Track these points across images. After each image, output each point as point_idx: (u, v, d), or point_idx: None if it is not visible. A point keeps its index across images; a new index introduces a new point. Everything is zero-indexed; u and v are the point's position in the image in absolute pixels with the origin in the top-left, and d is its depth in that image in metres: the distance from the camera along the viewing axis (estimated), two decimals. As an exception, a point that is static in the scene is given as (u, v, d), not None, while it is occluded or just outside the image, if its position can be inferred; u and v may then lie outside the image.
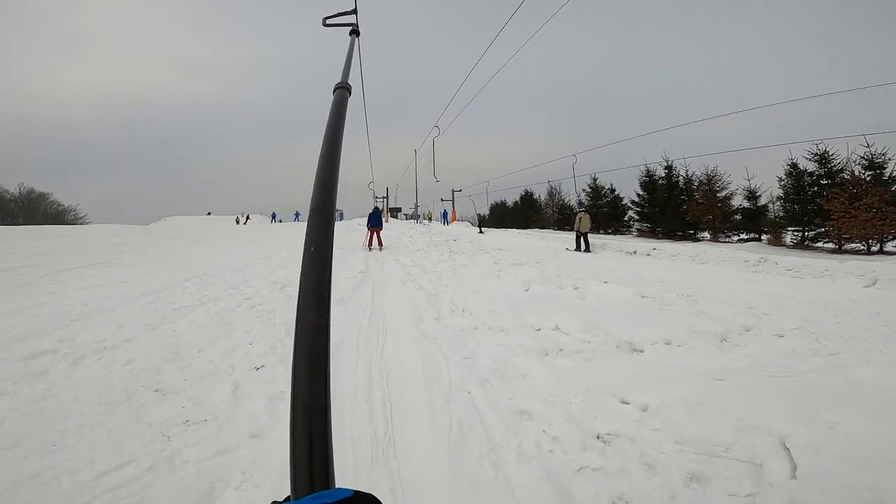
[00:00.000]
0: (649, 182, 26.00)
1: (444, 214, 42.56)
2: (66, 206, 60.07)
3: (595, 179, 30.06)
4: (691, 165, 24.55)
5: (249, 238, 19.99)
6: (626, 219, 28.13)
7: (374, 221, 15.40)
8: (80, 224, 57.30)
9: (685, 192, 24.04)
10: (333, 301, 0.63)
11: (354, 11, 1.72)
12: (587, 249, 14.20)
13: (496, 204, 48.07)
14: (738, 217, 22.39)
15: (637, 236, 26.01)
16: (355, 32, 1.59)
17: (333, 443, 0.44)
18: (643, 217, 26.19)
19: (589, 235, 15.06)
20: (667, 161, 24.78)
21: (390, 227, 27.81)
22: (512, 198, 45.03)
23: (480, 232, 26.25)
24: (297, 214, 46.70)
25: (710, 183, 22.97)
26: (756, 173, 22.71)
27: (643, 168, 26.33)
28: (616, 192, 28.61)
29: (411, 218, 50.56)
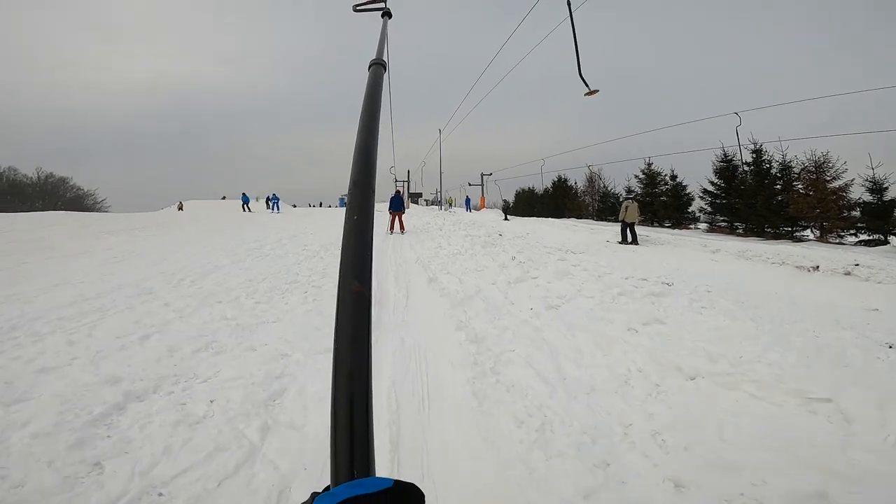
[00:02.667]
0: (727, 168, 19.82)
1: (467, 201, 36.49)
2: (85, 190, 55.66)
3: (650, 164, 23.88)
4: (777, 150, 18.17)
5: (234, 227, 14.59)
6: (689, 210, 22.03)
7: (396, 205, 13.23)
8: (100, 210, 53.01)
9: (781, 181, 17.88)
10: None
11: None
12: (634, 241, 11.32)
13: (523, 191, 41.97)
14: (855, 213, 16.30)
15: (707, 231, 20.01)
16: (387, 14, 1.33)
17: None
18: (718, 209, 20.04)
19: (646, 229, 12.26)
20: (754, 143, 18.52)
21: (412, 213, 22.17)
22: (541, 185, 38.91)
23: (506, 219, 21.28)
24: (272, 199, 29.00)
25: (819, 171, 16.79)
26: (882, 161, 16.54)
27: (718, 152, 20.11)
28: (678, 179, 22.43)
29: (433, 204, 44.83)
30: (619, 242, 11.30)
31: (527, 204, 40.20)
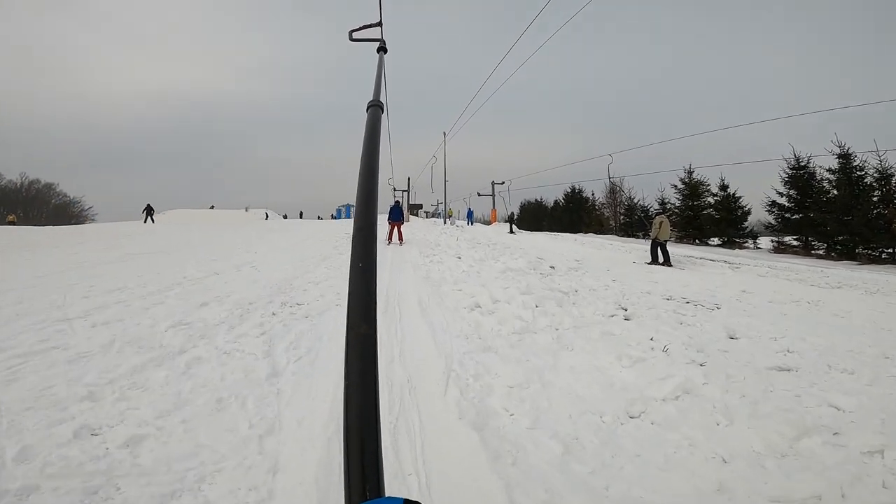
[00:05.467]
0: (799, 176, 15.18)
1: (469, 214, 31.32)
2: (71, 197, 50.38)
3: (691, 173, 19.20)
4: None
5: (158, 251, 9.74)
6: (743, 225, 17.32)
7: (395, 216, 11.61)
8: (87, 219, 48.03)
9: (879, 192, 13.25)
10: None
11: (380, 24, 1.48)
12: (666, 262, 8.84)
13: (529, 203, 37.34)
14: None
15: (775, 251, 15.31)
16: (382, 49, 1.34)
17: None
18: (790, 225, 15.32)
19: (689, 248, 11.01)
20: (840, 147, 13.87)
21: (414, 228, 17.32)
22: (551, 197, 34.31)
23: (511, 232, 17.81)
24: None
25: (938, 177, 12.22)
26: None
27: (789, 158, 15.46)
28: (730, 190, 17.71)
29: (433, 216, 40.04)
30: (649, 263, 9.00)
31: (534, 217, 35.48)
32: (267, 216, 39.52)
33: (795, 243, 15.33)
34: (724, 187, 17.91)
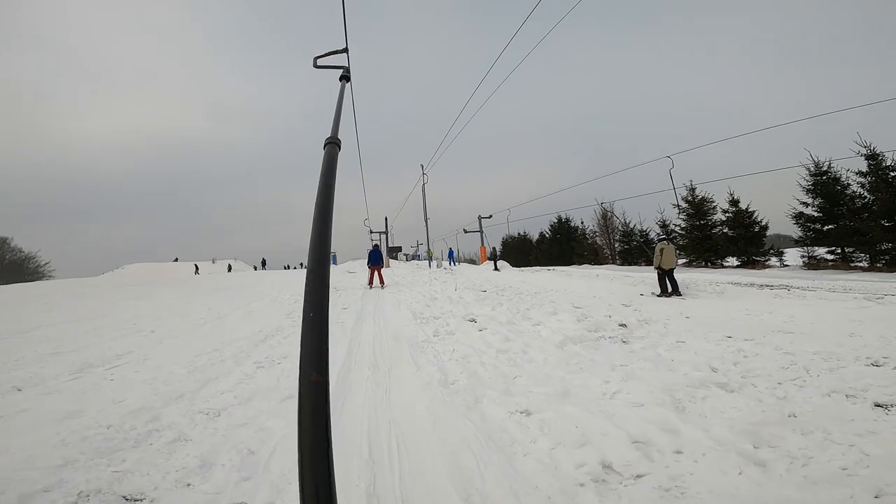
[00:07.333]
0: (824, 183, 13.49)
1: (451, 254, 28.45)
2: (25, 252, 45.46)
3: (693, 189, 17.50)
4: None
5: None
6: (764, 242, 15.40)
7: (375, 259, 10.82)
8: (43, 276, 43.13)
9: (922, 191, 11.54)
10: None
11: (346, 51, 1.41)
12: (675, 292, 7.75)
13: (513, 238, 35.29)
14: None
15: (808, 267, 13.30)
16: (345, 78, 1.27)
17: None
18: (829, 235, 13.37)
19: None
20: (867, 148, 12.30)
21: (395, 272, 14.56)
22: (536, 229, 32.38)
23: (496, 269, 16.45)
24: None
25: None
26: None
27: (809, 165, 13.83)
28: (741, 205, 15.93)
29: (413, 258, 37.34)
30: (658, 295, 7.90)
31: (520, 251, 33.32)
32: (197, 270, 30.83)
33: (830, 257, 13.40)
34: (734, 202, 16.16)
